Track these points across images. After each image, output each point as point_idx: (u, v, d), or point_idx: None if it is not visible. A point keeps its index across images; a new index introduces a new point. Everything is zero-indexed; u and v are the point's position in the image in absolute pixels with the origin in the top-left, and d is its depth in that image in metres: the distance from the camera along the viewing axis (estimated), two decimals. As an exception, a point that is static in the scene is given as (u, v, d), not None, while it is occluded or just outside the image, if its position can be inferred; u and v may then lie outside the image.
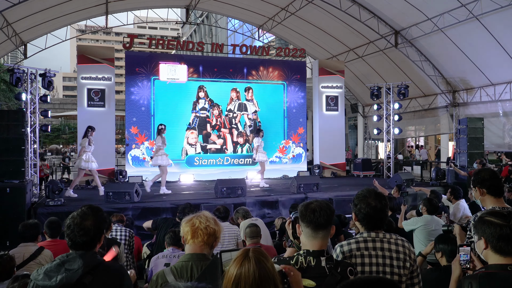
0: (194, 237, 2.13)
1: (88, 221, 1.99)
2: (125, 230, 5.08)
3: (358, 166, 14.42)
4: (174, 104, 13.17)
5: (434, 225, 4.95)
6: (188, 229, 2.16)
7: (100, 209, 2.10)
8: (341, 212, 7.46)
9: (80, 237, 1.96)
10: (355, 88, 18.79)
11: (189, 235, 2.16)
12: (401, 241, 2.23)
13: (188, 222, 2.18)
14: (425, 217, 5.06)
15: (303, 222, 2.02)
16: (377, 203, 2.19)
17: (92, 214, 2.02)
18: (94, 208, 2.07)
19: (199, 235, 2.13)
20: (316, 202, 2.06)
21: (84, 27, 56.72)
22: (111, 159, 12.33)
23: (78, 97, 12.17)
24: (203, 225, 2.16)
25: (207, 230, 2.15)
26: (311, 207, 2.02)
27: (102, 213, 2.09)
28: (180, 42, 13.63)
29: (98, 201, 8.29)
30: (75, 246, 1.98)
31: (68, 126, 44.65)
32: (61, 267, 1.90)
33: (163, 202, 8.34)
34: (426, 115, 16.27)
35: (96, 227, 2.01)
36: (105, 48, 12.99)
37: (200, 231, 2.14)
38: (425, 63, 14.35)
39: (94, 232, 1.99)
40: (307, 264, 1.95)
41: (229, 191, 8.70)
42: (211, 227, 2.16)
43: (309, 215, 2.00)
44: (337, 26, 15.23)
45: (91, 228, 1.99)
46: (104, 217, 2.09)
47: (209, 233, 2.15)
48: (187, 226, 2.17)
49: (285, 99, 14.42)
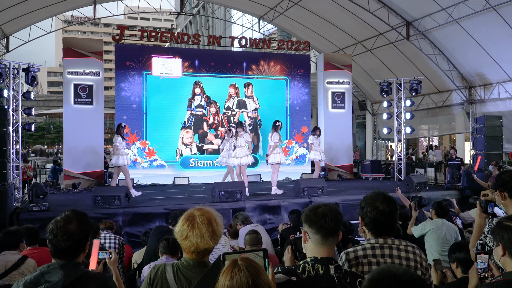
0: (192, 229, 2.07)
1: (72, 224, 2.00)
2: (114, 238, 5.08)
3: (367, 168, 14.41)
4: (168, 101, 13.18)
5: (445, 229, 4.94)
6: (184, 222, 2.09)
7: (85, 213, 2.11)
8: (348, 218, 7.46)
9: (64, 242, 1.96)
10: (364, 83, 18.79)
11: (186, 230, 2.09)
12: (412, 248, 2.23)
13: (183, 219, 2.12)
14: (435, 221, 5.05)
15: (311, 228, 2.00)
16: (385, 207, 2.19)
17: (76, 218, 2.03)
18: (78, 212, 2.08)
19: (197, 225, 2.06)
20: (324, 206, 2.05)
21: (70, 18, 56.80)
22: (100, 161, 12.33)
23: (64, 93, 12.18)
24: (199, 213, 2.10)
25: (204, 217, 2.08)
26: (321, 212, 2.01)
27: (86, 217, 2.09)
28: (174, 34, 13.64)
29: (86, 206, 8.28)
30: (58, 254, 1.98)
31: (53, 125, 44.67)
32: (41, 279, 1.89)
33: (156, 207, 8.34)
34: (440, 113, 16.27)
35: (81, 231, 2.01)
36: (93, 40, 12.99)
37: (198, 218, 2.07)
38: (439, 56, 14.35)
39: (79, 236, 1.99)
40: (315, 272, 1.93)
41: (227, 195, 8.70)
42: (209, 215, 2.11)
43: (319, 221, 1.98)
44: (344, 16, 15.24)
45: (76, 232, 1.99)
46: (89, 221, 2.09)
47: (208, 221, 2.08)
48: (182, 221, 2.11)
49: (287, 96, 14.43)
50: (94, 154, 11.99)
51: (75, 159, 11.80)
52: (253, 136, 13.60)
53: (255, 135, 14.01)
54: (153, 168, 12.91)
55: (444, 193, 10.20)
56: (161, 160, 12.89)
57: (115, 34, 12.68)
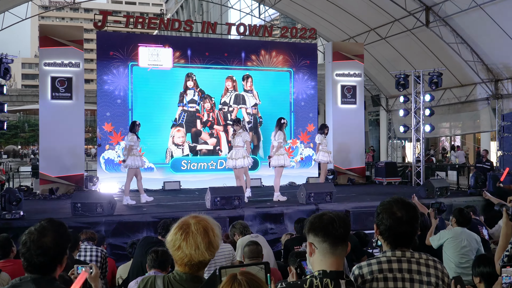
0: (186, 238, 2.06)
1: (48, 237, 1.99)
2: (96, 250, 5.08)
3: (381, 171, 14.41)
4: (157, 95, 13.17)
5: (466, 238, 4.94)
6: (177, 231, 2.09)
7: (63, 223, 2.10)
8: (360, 228, 7.47)
9: (37, 257, 1.95)
10: (377, 76, 18.79)
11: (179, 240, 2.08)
12: (433, 262, 2.23)
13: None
14: (454, 229, 5.07)
15: (318, 237, 2.01)
16: (403, 214, 2.18)
17: (52, 230, 2.02)
18: (55, 223, 2.07)
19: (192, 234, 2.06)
20: (329, 213, 2.07)
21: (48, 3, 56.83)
22: (80, 163, 12.32)
23: (40, 87, 12.17)
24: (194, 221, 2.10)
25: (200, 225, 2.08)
26: (327, 218, 2.02)
27: (64, 228, 2.09)
28: (164, 21, 13.64)
29: (64, 214, 8.28)
30: (31, 268, 1.97)
31: (28, 122, 44.70)
32: None
33: (143, 216, 8.34)
34: (463, 109, 16.27)
35: (57, 244, 2.00)
36: (73, 27, 13.01)
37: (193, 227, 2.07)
38: (461, 46, 14.35)
39: (54, 251, 1.99)
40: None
41: (223, 202, 8.69)
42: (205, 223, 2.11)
43: (325, 227, 1.99)
44: (355, 0, 15.24)
45: (51, 246, 1.98)
46: (67, 233, 2.09)
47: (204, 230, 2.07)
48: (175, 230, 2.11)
49: (291, 90, 14.43)
50: (74, 156, 11.97)
51: (52, 161, 11.78)
52: (253, 135, 13.59)
53: (255, 134, 14.00)
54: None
55: (468, 199, 10.20)
56: (148, 162, 12.86)
57: (97, 20, 12.66)
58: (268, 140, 11.15)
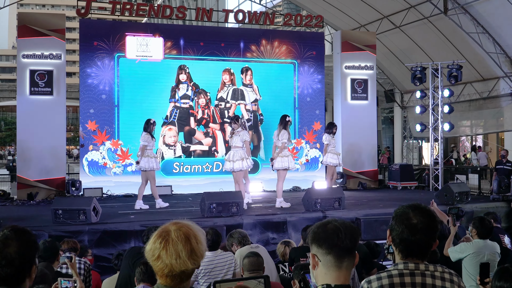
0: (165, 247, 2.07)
1: (11, 247, 2.00)
2: (79, 262, 5.09)
3: (395, 174, 14.42)
4: (146, 90, 13.18)
5: (488, 252, 4.98)
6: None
7: (27, 230, 2.10)
8: (371, 238, 7.47)
9: (2, 269, 1.96)
10: (391, 69, 18.80)
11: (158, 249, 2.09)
12: (449, 275, 2.23)
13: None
14: (476, 243, 5.09)
15: (321, 248, 2.01)
16: (419, 221, 2.18)
17: (16, 238, 2.03)
18: (18, 230, 2.07)
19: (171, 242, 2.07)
20: (334, 221, 2.06)
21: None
22: (61, 165, 12.34)
23: (18, 81, 12.21)
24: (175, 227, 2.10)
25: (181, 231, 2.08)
26: (331, 227, 2.02)
27: (30, 235, 2.09)
28: (154, 7, 13.65)
29: (44, 221, 8.30)
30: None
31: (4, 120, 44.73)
32: None
33: (130, 224, 8.35)
34: (485, 105, 16.27)
35: (22, 255, 2.01)
36: (54, 15, 13.01)
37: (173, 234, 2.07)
38: (483, 36, 14.34)
39: (19, 261, 1.99)
40: None
41: (220, 208, 8.69)
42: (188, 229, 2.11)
43: (330, 238, 1.99)
44: (366, -15, 15.27)
45: (15, 257, 1.99)
46: (32, 241, 2.09)
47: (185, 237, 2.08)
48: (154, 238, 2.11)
49: (296, 84, 14.44)
50: (55, 157, 11.99)
51: (31, 163, 11.81)
52: (253, 135, 13.60)
53: (255, 133, 14.00)
54: (127, 175, 12.91)
55: (490, 205, 10.23)
56: (137, 164, 12.89)
57: (80, 7, 12.67)
58: (270, 140, 11.16)
